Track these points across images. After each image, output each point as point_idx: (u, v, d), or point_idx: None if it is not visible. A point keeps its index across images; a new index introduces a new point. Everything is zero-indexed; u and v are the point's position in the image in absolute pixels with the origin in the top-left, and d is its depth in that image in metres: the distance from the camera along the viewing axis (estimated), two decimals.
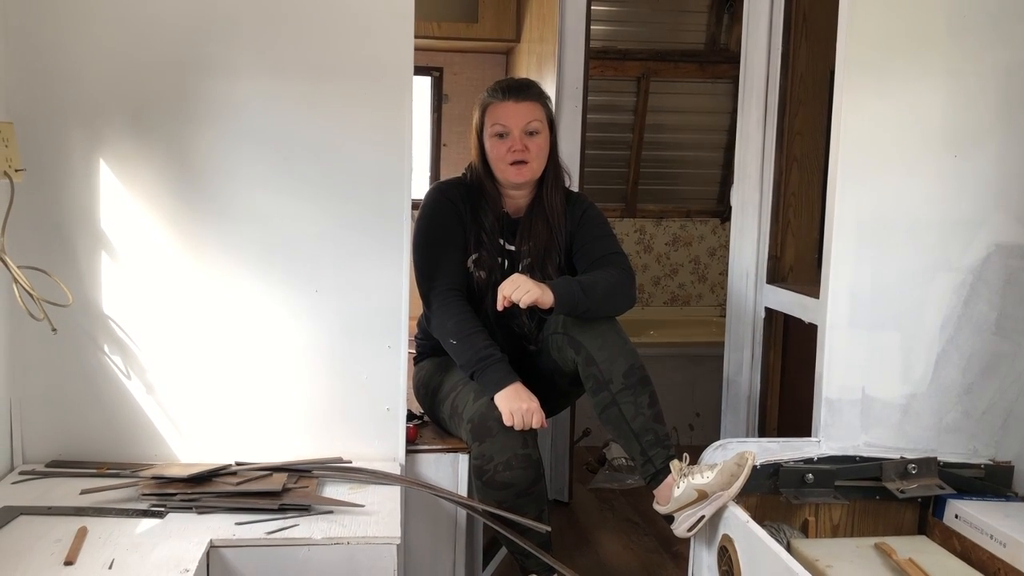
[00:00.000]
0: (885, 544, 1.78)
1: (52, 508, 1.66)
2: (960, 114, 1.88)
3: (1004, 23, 1.87)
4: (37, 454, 1.88)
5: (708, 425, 3.54)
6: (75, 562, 1.45)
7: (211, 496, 1.71)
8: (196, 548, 1.53)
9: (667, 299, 4.54)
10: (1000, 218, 1.91)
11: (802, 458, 1.90)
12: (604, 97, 4.06)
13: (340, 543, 1.60)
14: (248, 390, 1.92)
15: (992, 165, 1.90)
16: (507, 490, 1.90)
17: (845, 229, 1.90)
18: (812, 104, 2.48)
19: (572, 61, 2.87)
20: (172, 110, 1.82)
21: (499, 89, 2.11)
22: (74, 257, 1.83)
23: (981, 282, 1.92)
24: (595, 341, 1.95)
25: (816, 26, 2.44)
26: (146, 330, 1.88)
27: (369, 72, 1.86)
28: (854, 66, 1.86)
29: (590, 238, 2.16)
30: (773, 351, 2.57)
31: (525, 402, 1.91)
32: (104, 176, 1.82)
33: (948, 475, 1.90)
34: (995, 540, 1.72)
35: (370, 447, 1.96)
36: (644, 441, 1.90)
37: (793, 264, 2.54)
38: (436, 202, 2.14)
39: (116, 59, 1.80)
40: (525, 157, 2.07)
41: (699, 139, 4.35)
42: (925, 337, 1.93)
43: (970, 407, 1.95)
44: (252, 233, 1.87)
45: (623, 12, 4.02)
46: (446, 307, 2.05)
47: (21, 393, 1.86)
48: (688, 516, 1.83)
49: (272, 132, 1.85)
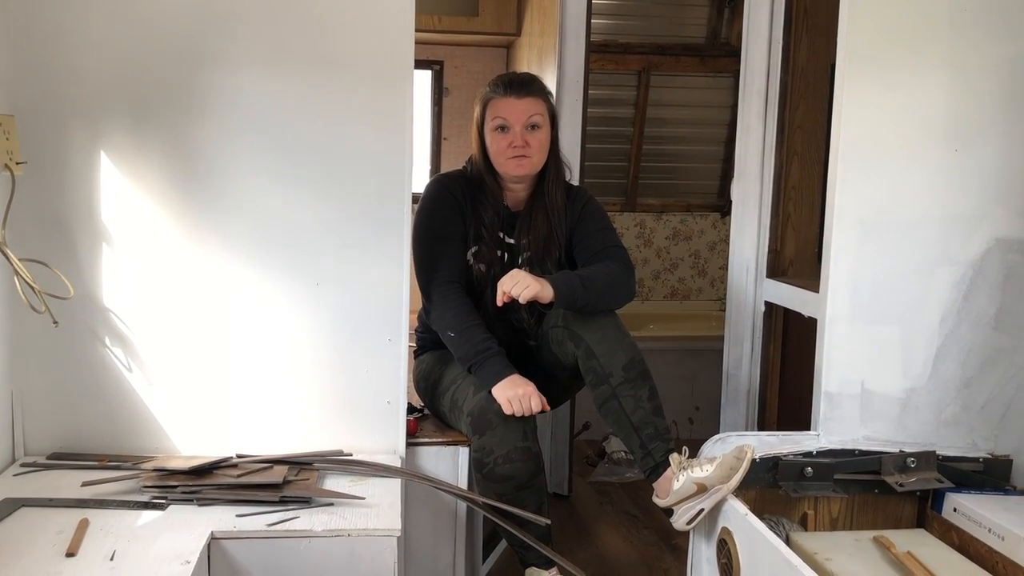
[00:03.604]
0: (884, 537, 1.78)
1: (54, 500, 1.66)
2: (961, 108, 1.88)
3: (1006, 16, 1.86)
4: (38, 446, 1.89)
5: (707, 419, 3.55)
6: (77, 554, 1.46)
7: (212, 488, 1.71)
8: (197, 540, 1.53)
9: (667, 293, 4.55)
10: (1001, 212, 1.91)
11: (801, 451, 1.91)
12: (605, 91, 4.06)
13: (341, 535, 1.61)
14: (249, 383, 1.92)
15: (993, 159, 1.90)
16: (507, 483, 1.91)
17: (845, 223, 1.90)
18: (813, 98, 2.48)
19: (573, 55, 2.87)
20: (173, 103, 1.82)
21: (500, 84, 2.10)
22: (75, 250, 1.84)
23: (981, 276, 1.92)
24: (595, 335, 1.95)
25: (817, 19, 2.43)
26: (147, 323, 1.88)
27: (370, 65, 1.86)
28: (855, 60, 1.85)
29: (590, 231, 2.16)
30: (773, 345, 2.58)
31: (521, 387, 1.91)
32: (105, 169, 1.82)
33: (947, 469, 1.91)
34: (993, 533, 1.72)
35: (371, 440, 1.96)
36: (644, 434, 1.91)
37: (793, 258, 2.54)
38: (436, 194, 2.14)
39: (117, 52, 1.80)
40: (526, 152, 2.07)
41: (700, 133, 4.35)
42: (925, 331, 1.93)
43: (969, 401, 1.95)
44: (253, 226, 1.87)
45: (624, 6, 4.02)
46: (445, 300, 2.05)
47: (22, 385, 1.86)
48: (687, 509, 1.84)
49: (273, 125, 1.85)
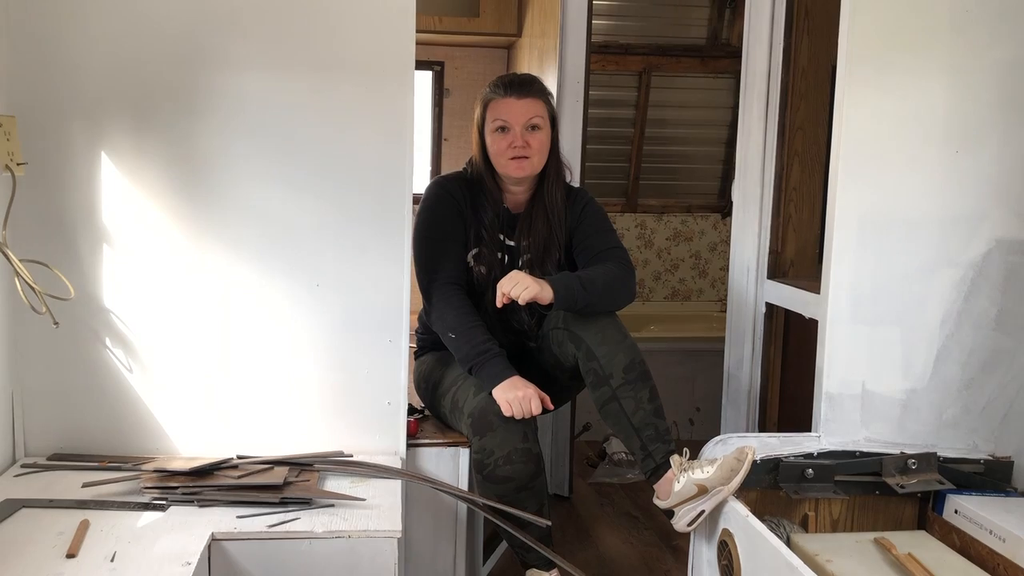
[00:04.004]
0: (885, 539, 1.78)
1: (54, 501, 1.66)
2: (962, 109, 1.88)
3: (1007, 19, 1.86)
4: (39, 447, 1.89)
5: (708, 420, 3.55)
6: (77, 555, 1.46)
7: (212, 489, 1.71)
8: (197, 541, 1.53)
9: (668, 294, 4.55)
10: (1001, 214, 1.90)
11: (802, 453, 1.91)
12: (605, 92, 4.06)
13: (341, 536, 1.61)
14: (249, 384, 1.92)
15: (993, 161, 1.90)
16: (507, 484, 1.90)
17: (846, 224, 1.90)
18: (813, 99, 2.48)
19: (573, 55, 2.87)
20: (174, 103, 1.82)
21: (501, 85, 2.10)
22: (76, 251, 1.84)
23: (982, 278, 1.92)
24: (595, 336, 1.95)
25: (818, 21, 2.44)
26: (148, 324, 1.88)
27: (371, 66, 1.86)
28: (856, 61, 1.85)
29: (590, 232, 2.16)
30: (773, 346, 2.58)
31: (521, 389, 1.91)
32: (106, 169, 1.83)
33: (948, 470, 1.90)
34: (994, 535, 1.72)
35: (371, 441, 1.96)
36: (644, 436, 1.90)
37: (794, 259, 2.54)
38: (436, 196, 2.14)
39: (118, 52, 1.80)
40: (526, 153, 2.07)
41: (700, 134, 4.35)
42: (925, 332, 1.93)
43: (970, 402, 1.95)
44: (253, 227, 1.87)
45: (625, 6, 4.02)
46: (446, 301, 2.05)
47: (23, 386, 1.86)
48: (688, 511, 1.84)
49: (274, 126, 1.85)
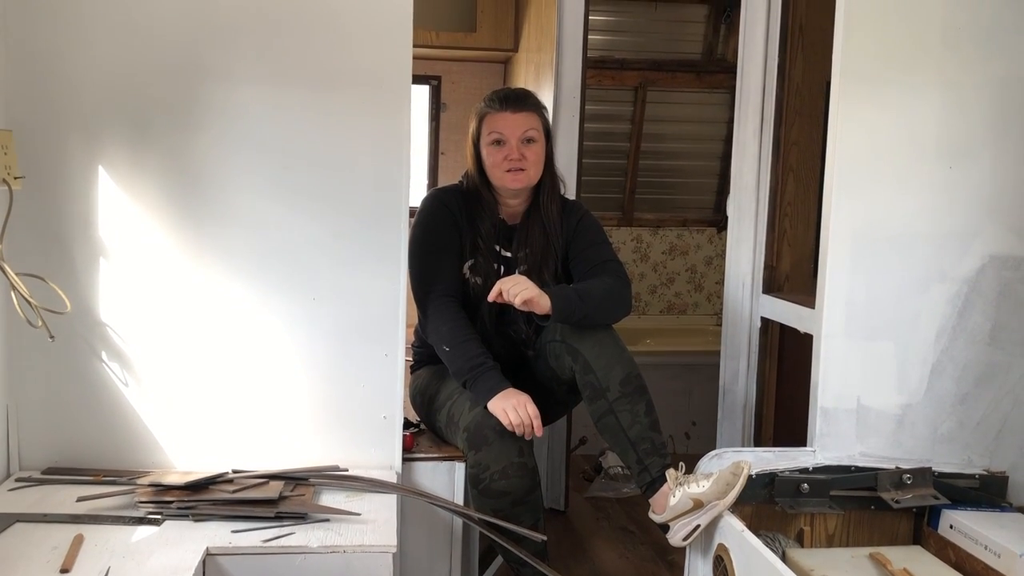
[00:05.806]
0: (880, 554, 1.78)
1: (48, 515, 1.66)
2: (955, 125, 1.90)
3: (998, 36, 1.88)
4: (33, 461, 1.88)
5: (704, 434, 3.54)
6: (71, 570, 1.45)
7: (207, 504, 1.71)
8: (192, 556, 1.53)
9: (663, 308, 4.55)
10: (994, 229, 1.92)
11: (797, 468, 1.91)
12: (601, 106, 4.07)
13: (336, 551, 1.60)
14: (245, 398, 1.92)
15: (986, 176, 1.91)
16: (503, 498, 1.90)
17: (840, 239, 1.90)
18: (808, 115, 2.49)
19: (570, 70, 2.88)
20: (171, 117, 1.83)
21: (496, 99, 2.11)
22: (72, 264, 1.84)
23: (976, 293, 1.92)
24: (592, 349, 1.95)
25: (812, 37, 2.45)
26: (143, 338, 1.88)
27: (368, 80, 1.87)
28: (850, 77, 1.87)
29: (586, 245, 2.17)
30: (769, 360, 2.58)
31: (513, 397, 1.92)
32: (103, 183, 1.83)
33: (943, 485, 1.91)
34: (989, 550, 1.72)
35: (367, 455, 1.96)
36: (640, 449, 1.91)
37: (789, 274, 2.55)
38: (432, 208, 2.15)
39: (115, 66, 1.80)
40: (522, 165, 2.08)
41: (696, 148, 4.37)
42: (920, 347, 1.93)
43: (965, 417, 1.95)
44: (249, 240, 1.88)
45: (621, 22, 4.04)
46: (441, 313, 2.06)
47: (18, 400, 1.86)
48: (684, 525, 1.83)
49: (270, 140, 1.86)
